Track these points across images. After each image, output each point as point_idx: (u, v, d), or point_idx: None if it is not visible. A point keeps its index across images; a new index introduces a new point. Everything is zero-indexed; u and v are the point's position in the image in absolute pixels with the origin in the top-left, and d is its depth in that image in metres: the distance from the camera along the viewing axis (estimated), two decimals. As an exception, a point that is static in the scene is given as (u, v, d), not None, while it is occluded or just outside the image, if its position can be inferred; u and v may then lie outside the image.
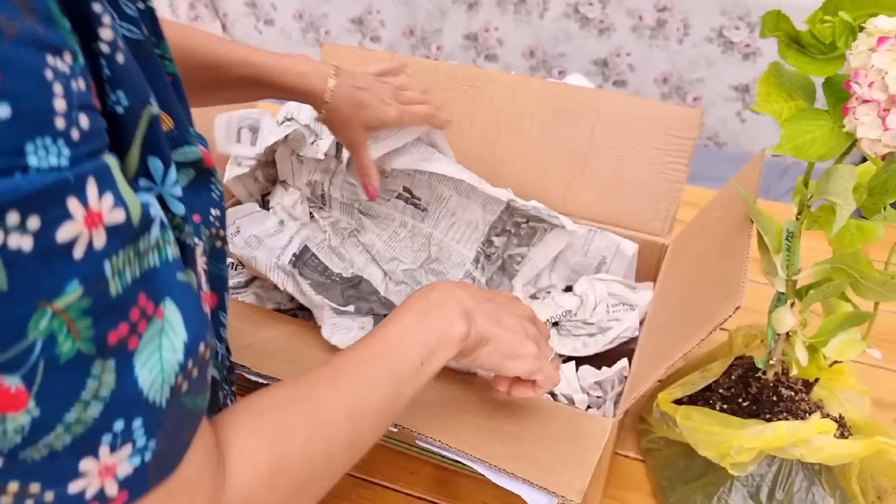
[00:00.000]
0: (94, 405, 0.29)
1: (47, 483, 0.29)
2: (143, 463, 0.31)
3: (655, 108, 0.91)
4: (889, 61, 0.44)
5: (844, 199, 0.49)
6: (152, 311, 0.31)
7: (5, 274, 0.25)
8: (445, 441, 0.58)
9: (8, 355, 0.25)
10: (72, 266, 0.27)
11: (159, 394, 0.31)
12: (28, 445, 0.27)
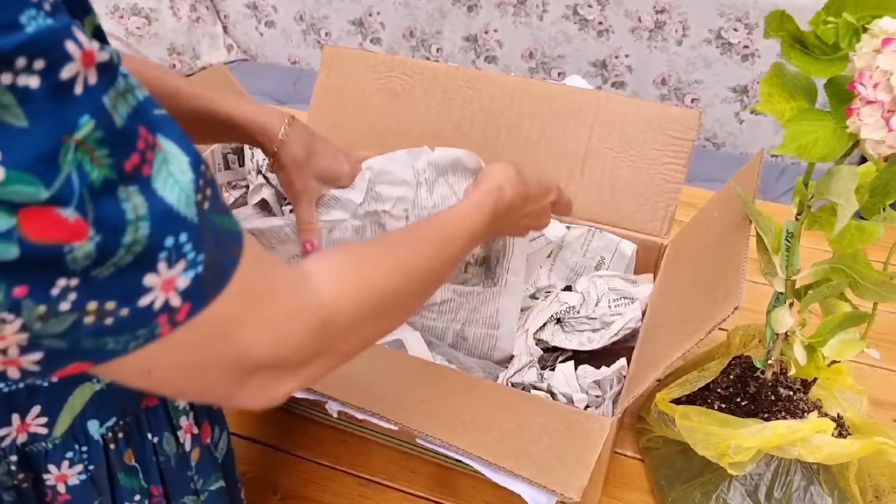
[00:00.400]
0: (142, 225, 0.32)
1: (121, 300, 0.32)
2: (197, 275, 0.35)
3: (654, 109, 0.91)
4: (894, 63, 0.45)
5: (846, 199, 0.49)
6: (153, 142, 0.33)
7: (22, 110, 0.28)
8: (445, 439, 0.58)
9: (55, 189, 0.28)
10: (78, 102, 0.29)
11: (189, 210, 0.34)
12: (98, 265, 0.31)
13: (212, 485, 0.59)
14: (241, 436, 0.84)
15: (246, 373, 0.39)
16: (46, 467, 0.49)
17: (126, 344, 0.34)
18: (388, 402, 0.62)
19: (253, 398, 0.41)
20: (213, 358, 0.38)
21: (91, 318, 0.32)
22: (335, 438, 0.83)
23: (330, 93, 1.05)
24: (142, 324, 0.34)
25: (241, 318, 0.38)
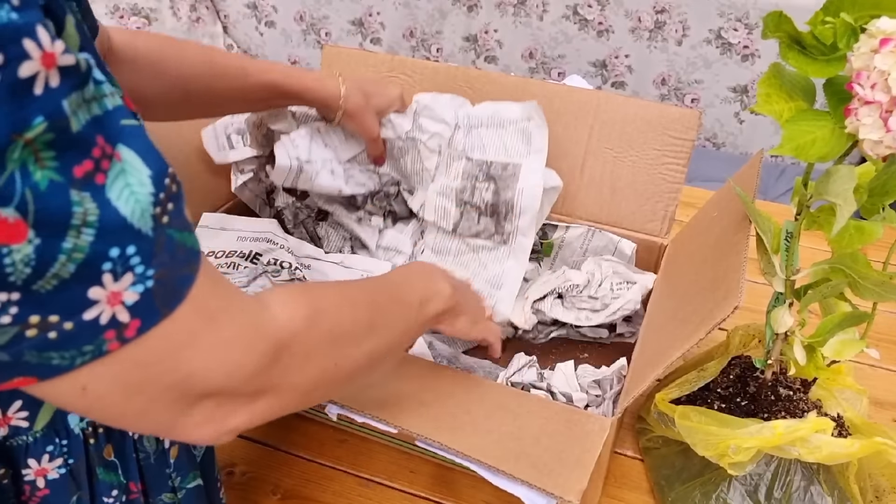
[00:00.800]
0: (85, 231, 0.31)
1: (64, 313, 0.32)
2: (146, 289, 0.34)
3: (653, 109, 0.91)
4: (892, 63, 0.45)
5: (845, 199, 0.49)
6: (111, 152, 0.33)
7: None
8: (445, 443, 0.58)
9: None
10: (35, 102, 0.29)
11: (143, 222, 0.33)
12: (38, 277, 0.30)
13: (189, 483, 0.59)
14: (241, 436, 0.84)
15: (191, 399, 0.38)
16: (26, 462, 0.49)
17: (72, 360, 0.33)
18: (388, 405, 0.62)
19: (197, 428, 0.39)
20: (158, 378, 0.36)
21: (34, 331, 0.31)
22: (335, 438, 0.83)
23: (330, 93, 1.05)
24: (88, 339, 0.33)
25: (192, 339, 0.37)
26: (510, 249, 0.89)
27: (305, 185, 0.90)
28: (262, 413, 0.42)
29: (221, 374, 0.38)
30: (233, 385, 0.39)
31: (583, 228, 0.93)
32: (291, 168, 0.88)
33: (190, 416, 0.39)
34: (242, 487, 0.78)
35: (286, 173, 0.88)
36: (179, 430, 0.39)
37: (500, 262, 0.89)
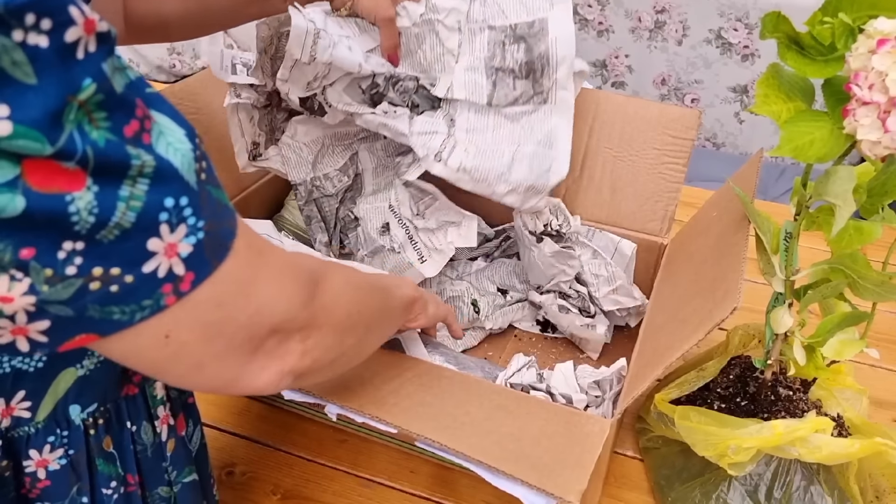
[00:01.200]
0: (141, 181, 0.33)
1: (126, 265, 0.33)
2: (198, 241, 0.36)
3: (653, 109, 0.91)
4: (889, 63, 0.45)
5: (844, 200, 0.49)
6: (148, 114, 0.34)
7: (32, 68, 0.29)
8: (445, 443, 0.58)
9: (59, 145, 0.30)
10: (80, 65, 0.31)
11: (190, 175, 0.35)
12: (101, 227, 0.32)
13: (185, 477, 0.60)
14: (241, 436, 0.84)
15: (259, 338, 0.40)
16: (27, 453, 0.49)
17: (132, 315, 0.35)
18: (387, 405, 0.62)
19: (263, 372, 0.42)
20: (234, 315, 0.39)
21: (97, 283, 0.33)
22: (335, 438, 0.83)
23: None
24: (147, 293, 0.35)
25: (254, 276, 0.39)
26: (552, 107, 0.87)
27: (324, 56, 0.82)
28: (311, 351, 0.45)
29: (282, 302, 0.41)
30: (291, 315, 0.42)
31: (583, 228, 0.93)
32: (308, 32, 0.80)
33: (256, 360, 0.41)
34: (242, 487, 0.78)
35: (303, 38, 0.80)
36: (247, 377, 0.41)
37: (546, 122, 0.87)
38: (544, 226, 0.90)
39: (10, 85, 0.29)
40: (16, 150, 0.29)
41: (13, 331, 0.33)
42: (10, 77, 0.28)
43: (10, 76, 0.28)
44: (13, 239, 0.30)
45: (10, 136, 0.28)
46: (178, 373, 0.40)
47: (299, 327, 0.43)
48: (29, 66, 0.29)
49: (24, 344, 0.34)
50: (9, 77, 0.28)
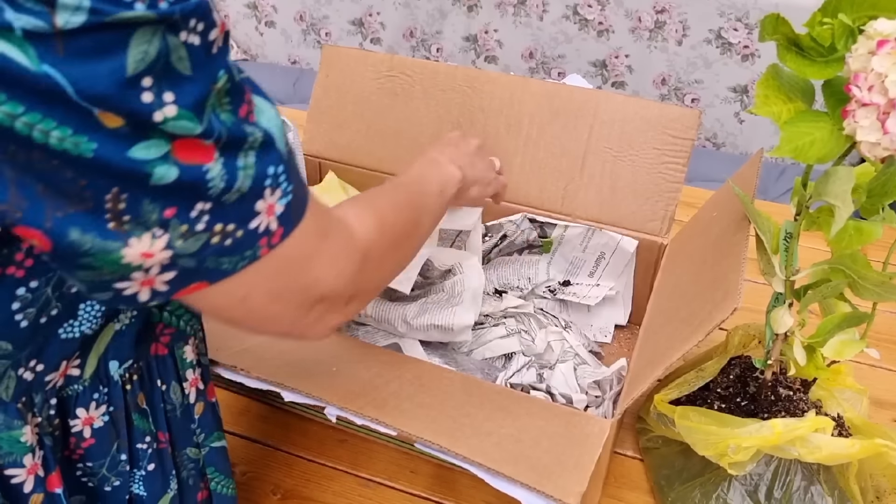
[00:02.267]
0: (251, 153, 0.39)
1: (239, 222, 0.39)
2: (288, 203, 0.42)
3: (653, 109, 0.91)
4: (889, 65, 0.44)
5: (843, 201, 0.49)
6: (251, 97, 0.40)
7: (189, 63, 0.35)
8: (445, 445, 0.58)
9: (203, 127, 0.36)
10: (216, 59, 0.37)
11: (282, 145, 0.41)
12: (227, 191, 0.38)
13: (213, 442, 0.62)
14: (242, 436, 0.84)
15: (311, 303, 0.46)
16: (75, 412, 0.52)
17: (235, 264, 0.41)
18: (388, 407, 0.62)
19: (311, 326, 0.48)
20: (293, 284, 0.45)
21: (217, 238, 0.39)
22: (335, 438, 0.83)
23: (330, 92, 1.05)
24: (249, 245, 0.41)
25: (315, 250, 0.45)
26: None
27: None
28: (351, 313, 0.52)
29: (332, 278, 0.47)
30: (339, 289, 0.47)
31: (582, 228, 0.93)
32: None
33: (307, 317, 0.47)
34: (242, 487, 0.78)
35: None
36: (300, 327, 0.48)
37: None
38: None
39: (175, 76, 0.34)
40: (173, 130, 0.34)
41: (143, 282, 0.39)
42: (175, 70, 0.34)
43: (175, 69, 0.34)
44: (162, 201, 0.36)
45: (175, 118, 0.34)
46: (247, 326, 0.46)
47: (345, 297, 0.49)
48: (188, 61, 0.35)
49: (145, 294, 0.39)
50: (174, 70, 0.34)
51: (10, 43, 0.30)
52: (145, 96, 0.33)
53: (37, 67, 0.31)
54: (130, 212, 0.36)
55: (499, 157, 0.97)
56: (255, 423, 0.85)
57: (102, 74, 0.32)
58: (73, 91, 0.31)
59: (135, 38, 0.32)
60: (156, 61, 0.33)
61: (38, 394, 0.49)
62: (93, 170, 0.34)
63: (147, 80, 0.33)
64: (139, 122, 0.34)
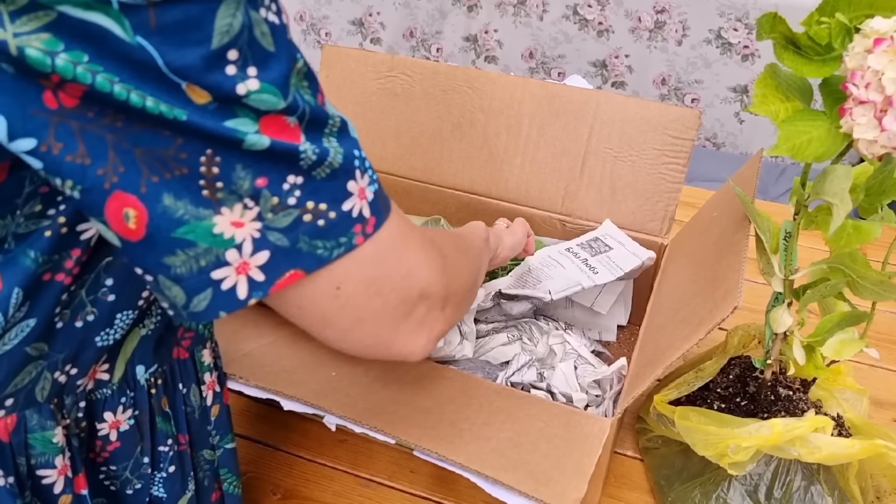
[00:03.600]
0: (332, 137, 0.39)
1: (331, 202, 0.39)
2: (376, 191, 0.42)
3: (653, 109, 0.91)
4: (885, 62, 0.45)
5: (841, 199, 0.49)
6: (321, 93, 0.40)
7: (273, 39, 0.36)
8: (442, 452, 0.58)
9: (288, 102, 0.36)
10: (292, 44, 0.37)
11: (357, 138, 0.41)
12: (318, 164, 0.38)
13: (227, 443, 0.63)
14: (241, 436, 0.84)
15: (411, 302, 0.44)
16: (102, 416, 0.52)
17: (331, 251, 0.40)
18: (386, 413, 0.62)
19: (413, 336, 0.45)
20: (389, 276, 0.43)
21: (309, 216, 0.39)
22: (335, 438, 0.83)
23: (330, 93, 1.05)
24: (344, 230, 0.40)
25: (404, 241, 0.44)
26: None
27: None
28: (450, 320, 0.49)
29: (426, 268, 0.45)
30: (433, 281, 0.46)
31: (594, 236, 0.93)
32: None
33: (408, 324, 0.45)
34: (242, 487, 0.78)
35: None
36: (401, 339, 0.45)
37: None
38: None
39: (259, 51, 0.35)
40: (257, 104, 0.35)
41: (238, 268, 0.38)
42: (259, 44, 0.35)
43: (259, 44, 0.35)
44: (254, 169, 0.36)
45: (258, 91, 0.35)
46: (342, 326, 0.43)
47: (441, 296, 0.47)
48: (270, 37, 0.35)
49: (243, 288, 0.39)
50: (258, 44, 0.35)
51: (107, 16, 0.31)
52: (229, 69, 0.34)
53: (132, 39, 0.32)
54: (223, 178, 0.36)
55: (499, 157, 0.98)
56: (255, 423, 0.85)
57: (190, 46, 0.33)
58: (163, 62, 0.32)
59: (220, 11, 0.33)
60: (240, 34, 0.34)
61: (69, 396, 0.49)
62: (187, 130, 0.34)
63: (232, 54, 0.34)
64: (223, 96, 0.34)
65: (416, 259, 0.45)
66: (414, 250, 0.45)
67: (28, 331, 0.43)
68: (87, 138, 0.34)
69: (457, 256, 0.53)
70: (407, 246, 0.44)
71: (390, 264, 0.43)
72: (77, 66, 0.32)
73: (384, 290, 0.43)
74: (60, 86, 0.32)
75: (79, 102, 0.33)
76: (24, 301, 0.42)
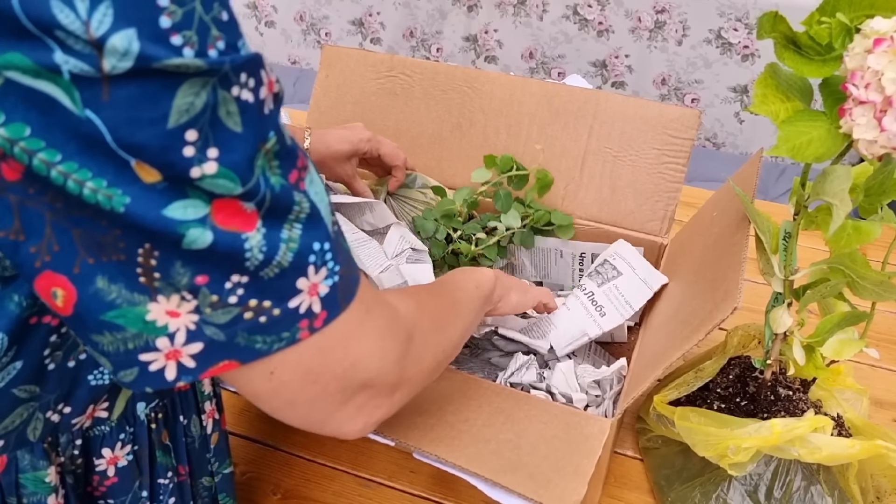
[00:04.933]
0: (296, 226, 0.37)
1: (276, 300, 0.37)
2: (334, 283, 0.40)
3: (653, 109, 0.91)
4: (885, 62, 0.45)
5: (841, 199, 0.49)
6: (304, 164, 0.39)
7: (240, 119, 0.33)
8: (442, 455, 0.58)
9: (247, 187, 0.34)
10: (267, 119, 0.35)
11: (329, 223, 0.39)
12: (266, 265, 0.36)
13: (225, 468, 0.63)
14: (241, 436, 0.84)
15: (351, 390, 0.43)
16: (100, 452, 0.51)
17: (271, 344, 0.38)
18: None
19: (349, 421, 0.44)
20: (331, 366, 0.41)
21: (250, 314, 0.37)
22: (335, 439, 0.83)
23: (330, 92, 1.05)
24: (287, 326, 0.38)
25: (358, 329, 0.42)
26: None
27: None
28: (397, 404, 0.48)
29: (377, 360, 0.43)
30: (384, 372, 0.44)
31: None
32: None
33: (345, 409, 0.43)
34: (242, 487, 0.78)
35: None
36: (334, 423, 0.44)
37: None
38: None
39: (223, 131, 0.33)
40: (211, 188, 0.33)
41: (168, 354, 0.36)
42: (223, 125, 0.33)
43: (224, 124, 0.33)
44: (194, 267, 0.34)
45: (214, 175, 0.33)
46: (273, 405, 0.42)
47: (390, 384, 0.45)
48: (239, 116, 0.33)
49: (172, 371, 0.37)
50: (223, 125, 0.33)
51: (57, 86, 0.29)
52: (186, 150, 0.32)
53: (80, 111, 0.30)
54: (161, 270, 0.34)
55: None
56: (255, 423, 0.85)
57: (144, 123, 0.31)
58: (112, 139, 0.30)
59: (182, 89, 0.31)
60: (202, 114, 0.32)
61: (63, 434, 0.48)
62: (125, 224, 0.32)
63: (191, 134, 0.32)
64: (176, 177, 0.32)
65: (367, 351, 0.43)
66: (368, 341, 0.43)
67: (15, 373, 0.42)
68: (25, 214, 0.33)
69: (429, 335, 0.50)
70: (361, 336, 0.42)
71: (335, 356, 0.41)
72: (15, 144, 0.30)
73: (322, 379, 0.41)
74: (4, 158, 0.31)
75: (21, 177, 0.31)
76: (11, 346, 0.41)
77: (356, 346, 0.42)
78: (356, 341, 0.42)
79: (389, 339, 0.45)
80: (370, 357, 0.43)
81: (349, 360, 0.42)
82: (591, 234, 0.94)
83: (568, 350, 0.82)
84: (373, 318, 0.43)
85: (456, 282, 0.64)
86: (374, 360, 0.43)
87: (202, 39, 0.31)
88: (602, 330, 0.82)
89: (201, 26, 0.31)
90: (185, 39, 0.31)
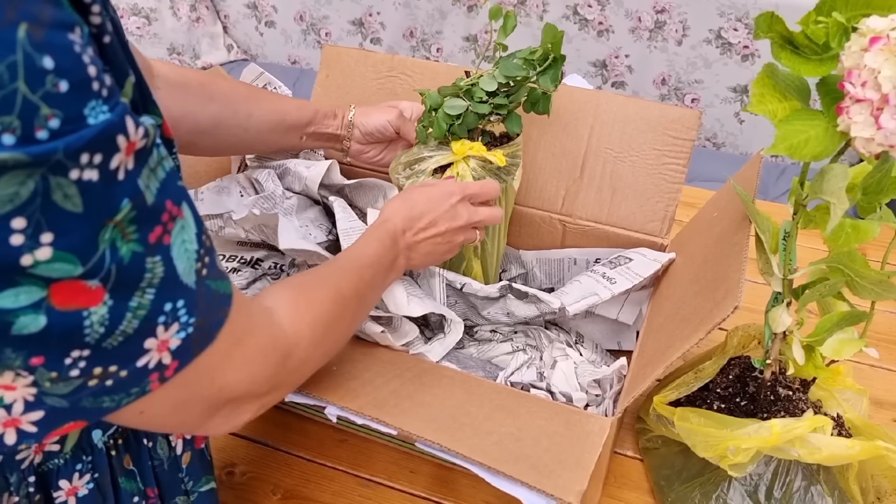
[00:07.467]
0: (149, 291, 0.35)
1: (122, 363, 0.36)
2: (187, 335, 0.39)
3: (653, 109, 0.91)
4: (881, 61, 0.45)
5: (838, 198, 0.49)
6: (177, 213, 0.37)
7: (81, 199, 0.31)
8: (444, 444, 0.58)
9: (89, 266, 0.32)
10: (120, 186, 0.33)
11: (189, 278, 0.38)
12: (108, 336, 0.34)
13: (202, 486, 0.62)
14: (241, 436, 0.84)
15: (218, 406, 0.45)
16: (58, 484, 0.50)
17: (119, 401, 0.38)
18: (388, 406, 0.62)
19: (217, 427, 0.46)
20: (199, 393, 0.43)
21: (95, 381, 0.35)
22: (335, 438, 0.83)
23: (330, 93, 1.05)
24: (136, 383, 0.38)
25: (224, 361, 0.43)
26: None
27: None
28: (267, 405, 0.49)
29: (245, 384, 0.45)
30: (252, 390, 0.46)
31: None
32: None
33: (212, 420, 0.45)
34: (242, 487, 0.78)
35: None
36: (203, 429, 0.46)
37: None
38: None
39: (58, 215, 0.30)
40: (48, 273, 0.31)
41: (5, 423, 0.35)
42: (59, 208, 0.30)
43: (60, 207, 0.30)
44: (26, 351, 0.32)
45: (48, 261, 0.31)
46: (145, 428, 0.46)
47: (260, 394, 0.47)
48: (79, 197, 0.31)
49: (11, 436, 0.36)
50: (58, 208, 0.30)
51: None
52: (14, 238, 0.29)
53: None
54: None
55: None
56: (255, 423, 0.85)
57: None
58: None
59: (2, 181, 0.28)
60: (30, 202, 0.29)
61: (12, 474, 0.47)
62: None
63: (18, 222, 0.29)
64: (3, 267, 0.30)
65: (234, 378, 0.44)
66: (235, 370, 0.44)
67: None
68: None
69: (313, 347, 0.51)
70: (227, 367, 0.43)
71: (201, 385, 0.42)
72: None
73: (190, 404, 0.43)
74: None
75: None
76: None
77: (222, 376, 0.43)
78: (221, 372, 0.43)
79: (260, 363, 0.46)
80: (237, 382, 0.44)
81: (216, 386, 0.43)
82: (591, 235, 0.94)
83: (578, 308, 0.81)
84: (243, 346, 0.44)
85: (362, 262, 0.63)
86: (241, 384, 0.45)
87: (26, 123, 0.28)
88: (612, 293, 0.82)
89: (25, 108, 0.28)
90: (3, 127, 0.28)
